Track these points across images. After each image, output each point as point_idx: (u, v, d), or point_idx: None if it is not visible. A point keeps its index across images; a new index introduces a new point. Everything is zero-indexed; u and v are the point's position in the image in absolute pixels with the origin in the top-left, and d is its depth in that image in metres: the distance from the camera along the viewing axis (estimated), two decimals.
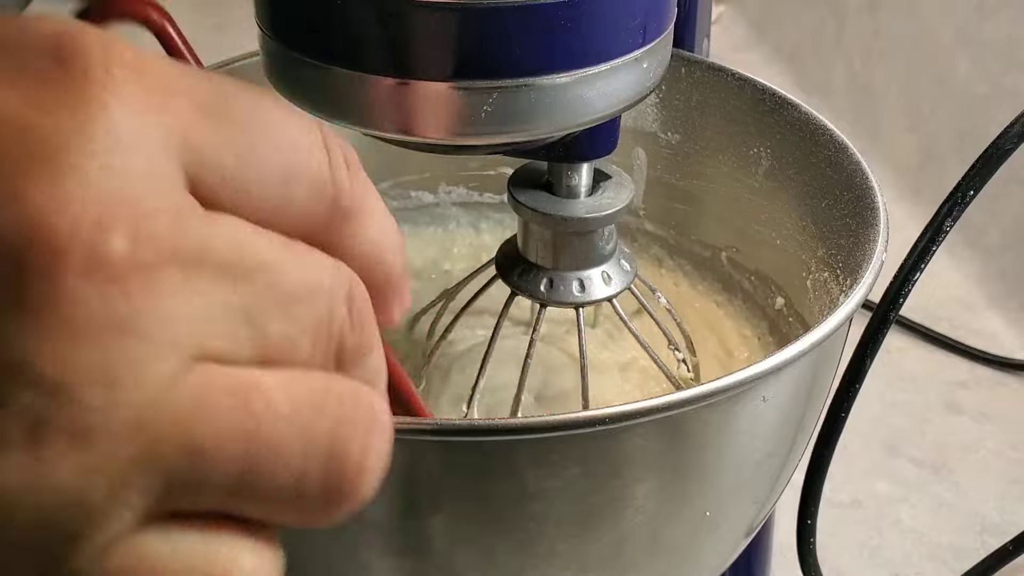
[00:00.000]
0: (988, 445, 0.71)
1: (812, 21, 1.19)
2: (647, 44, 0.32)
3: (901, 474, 0.68)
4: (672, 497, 0.33)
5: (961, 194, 0.41)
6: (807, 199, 0.45)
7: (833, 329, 0.32)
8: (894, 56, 1.02)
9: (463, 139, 0.31)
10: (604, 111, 0.32)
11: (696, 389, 0.29)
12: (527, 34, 0.29)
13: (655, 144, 0.52)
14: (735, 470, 0.34)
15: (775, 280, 0.48)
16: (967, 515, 0.65)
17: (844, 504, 0.66)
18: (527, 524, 0.32)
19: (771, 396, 0.33)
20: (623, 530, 0.33)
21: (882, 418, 0.73)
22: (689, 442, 0.32)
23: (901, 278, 0.42)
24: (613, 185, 0.40)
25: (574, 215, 0.39)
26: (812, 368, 0.35)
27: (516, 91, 0.30)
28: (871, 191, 0.40)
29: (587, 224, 0.39)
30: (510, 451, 0.30)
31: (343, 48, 0.30)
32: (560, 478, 0.30)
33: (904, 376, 0.77)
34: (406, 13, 0.28)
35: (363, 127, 0.31)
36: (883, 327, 0.42)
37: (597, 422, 0.29)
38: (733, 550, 0.40)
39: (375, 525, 0.32)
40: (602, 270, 0.41)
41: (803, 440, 0.38)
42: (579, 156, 0.38)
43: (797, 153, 0.45)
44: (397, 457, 0.30)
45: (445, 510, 0.31)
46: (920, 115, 0.97)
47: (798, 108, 0.45)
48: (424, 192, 0.56)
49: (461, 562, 0.33)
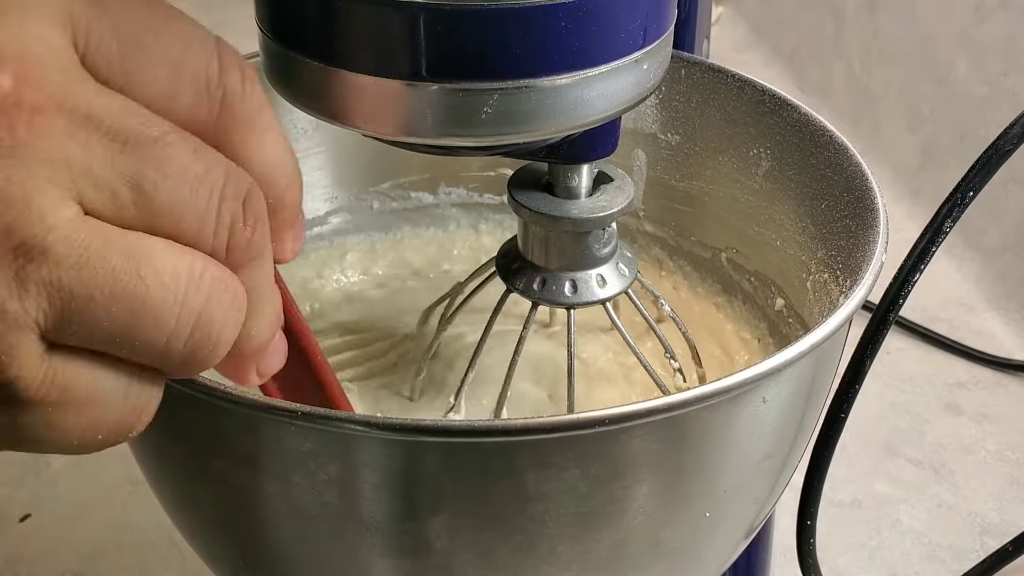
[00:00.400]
0: (987, 446, 0.71)
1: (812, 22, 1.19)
2: (647, 45, 0.32)
3: (901, 475, 0.69)
4: (672, 498, 0.33)
5: (961, 195, 0.41)
6: (807, 200, 0.45)
7: (833, 330, 0.32)
8: (893, 57, 1.02)
9: (464, 140, 0.31)
10: (605, 112, 0.32)
11: (696, 390, 0.30)
12: (528, 36, 0.29)
13: (655, 145, 0.52)
14: (735, 471, 0.34)
15: (775, 281, 0.48)
16: (966, 516, 0.65)
17: (844, 505, 0.66)
18: (527, 525, 0.32)
19: (771, 397, 0.33)
20: (623, 531, 0.33)
21: (882, 419, 0.73)
22: (689, 443, 0.32)
23: (901, 279, 0.42)
24: (612, 188, 0.40)
25: (567, 215, 0.39)
26: (812, 369, 0.35)
27: (517, 93, 0.30)
28: (871, 192, 0.40)
29: (580, 225, 0.39)
30: (510, 452, 0.30)
31: (343, 49, 0.30)
32: (560, 479, 0.30)
33: (904, 377, 0.77)
34: (407, 15, 0.28)
35: (364, 128, 0.31)
36: (883, 328, 0.42)
37: (597, 423, 0.29)
38: (733, 551, 0.40)
39: (375, 526, 0.32)
40: (597, 272, 0.41)
41: (803, 441, 0.38)
42: (579, 158, 0.38)
43: (797, 154, 0.45)
44: (398, 458, 0.30)
45: (445, 511, 0.31)
46: (919, 116, 0.97)
47: (798, 109, 0.45)
48: (424, 193, 0.56)
49: (461, 563, 0.33)
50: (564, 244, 0.40)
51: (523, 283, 0.41)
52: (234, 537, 0.37)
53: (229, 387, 0.29)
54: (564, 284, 0.41)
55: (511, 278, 0.42)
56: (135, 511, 0.65)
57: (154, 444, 0.37)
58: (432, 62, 0.29)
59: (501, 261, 0.43)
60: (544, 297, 0.41)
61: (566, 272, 0.41)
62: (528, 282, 0.41)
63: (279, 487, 0.32)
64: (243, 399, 0.29)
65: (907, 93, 0.99)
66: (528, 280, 0.41)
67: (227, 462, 0.33)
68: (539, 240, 0.41)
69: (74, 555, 0.62)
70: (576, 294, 0.41)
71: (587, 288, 0.41)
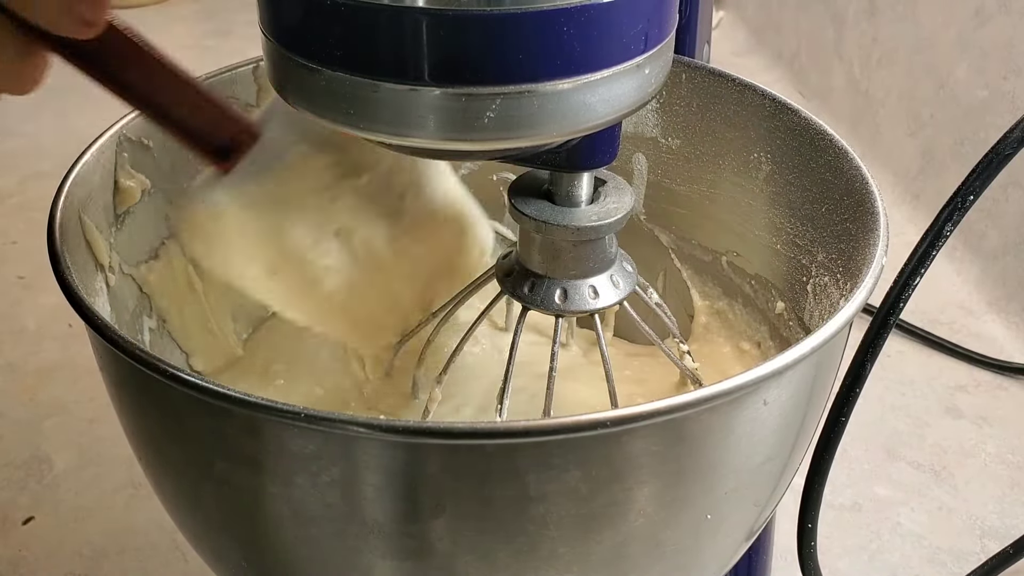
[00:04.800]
0: (988, 449, 0.71)
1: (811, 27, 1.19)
2: (649, 50, 0.32)
3: (901, 478, 0.69)
4: (673, 500, 0.33)
5: (961, 199, 0.41)
6: (807, 204, 0.45)
7: (833, 333, 0.33)
8: (893, 61, 1.02)
9: (466, 145, 0.31)
10: (606, 117, 0.32)
11: (697, 392, 0.30)
12: (530, 41, 0.29)
13: (656, 149, 0.52)
14: (736, 473, 0.34)
15: (775, 284, 0.49)
16: (967, 519, 0.65)
17: (844, 507, 0.66)
18: (528, 527, 0.32)
19: (772, 400, 0.33)
20: (624, 533, 0.33)
21: (882, 422, 0.73)
22: (690, 445, 0.32)
23: (901, 282, 0.42)
24: (612, 190, 0.40)
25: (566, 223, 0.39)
26: (813, 372, 0.35)
27: (519, 97, 0.30)
28: (871, 196, 0.40)
29: (580, 233, 0.39)
30: (512, 454, 0.30)
31: (346, 54, 0.30)
32: (561, 481, 0.31)
33: (904, 380, 0.77)
34: (409, 20, 0.29)
35: (367, 132, 0.32)
36: (883, 331, 0.42)
37: (598, 425, 0.29)
38: (734, 553, 0.40)
39: (377, 528, 0.32)
40: (591, 283, 0.41)
41: (803, 444, 0.38)
42: (580, 166, 0.38)
43: (797, 158, 0.45)
44: (400, 460, 0.30)
45: (447, 513, 0.31)
46: (919, 120, 0.97)
47: (798, 113, 0.45)
48: None
49: (463, 565, 0.33)
50: (559, 251, 0.40)
51: (515, 287, 0.41)
52: (236, 539, 0.37)
53: (231, 389, 0.30)
54: (555, 291, 0.40)
55: (505, 282, 0.42)
56: (137, 513, 0.65)
57: (156, 446, 0.37)
58: (435, 67, 0.29)
59: (500, 263, 0.43)
60: (534, 303, 0.41)
61: (559, 280, 0.41)
62: (519, 287, 0.41)
63: (281, 489, 0.32)
64: (245, 400, 0.29)
65: (907, 97, 0.99)
66: (520, 285, 0.41)
67: (229, 464, 0.33)
68: (535, 246, 0.41)
69: (76, 558, 0.62)
70: (566, 302, 0.40)
71: (579, 297, 0.40)
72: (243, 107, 0.47)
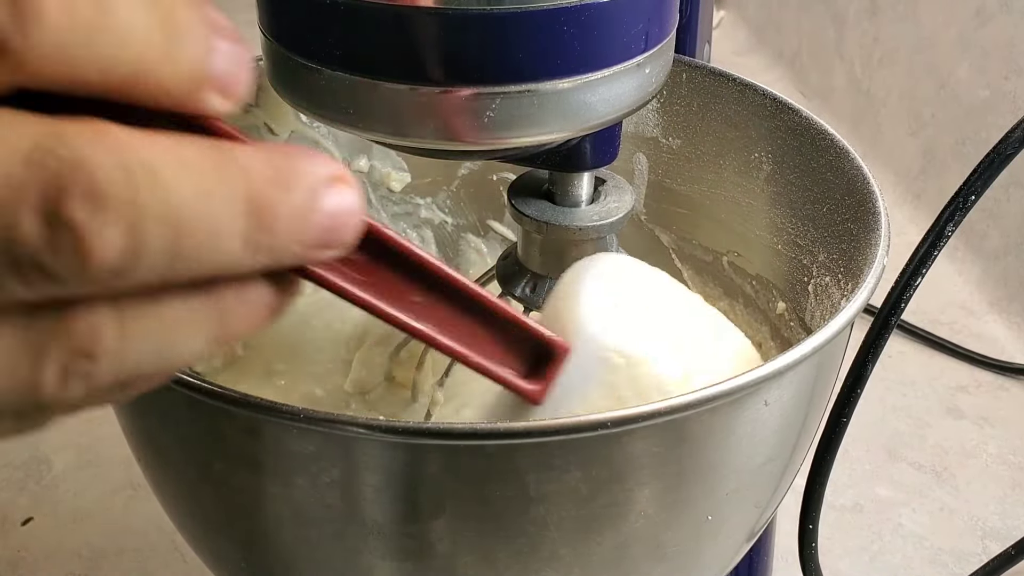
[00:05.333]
0: (989, 449, 0.71)
1: (813, 26, 1.19)
2: (649, 50, 0.32)
3: (902, 478, 0.69)
4: (674, 501, 0.33)
5: (962, 199, 0.41)
6: (808, 204, 0.45)
7: (835, 334, 0.33)
8: (894, 61, 1.02)
9: (467, 145, 0.31)
10: (607, 116, 0.32)
11: (698, 393, 0.30)
12: (530, 40, 0.29)
13: (656, 149, 0.52)
14: (737, 474, 0.34)
15: (776, 285, 0.49)
16: (968, 520, 0.65)
17: (846, 508, 0.66)
18: (529, 528, 0.32)
19: (773, 400, 0.33)
20: (625, 534, 0.33)
21: (883, 422, 0.73)
22: (691, 446, 0.32)
23: (903, 283, 0.42)
24: (613, 190, 0.40)
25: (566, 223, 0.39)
26: (814, 372, 0.35)
27: (519, 97, 0.30)
28: (872, 196, 0.40)
29: (579, 233, 0.39)
30: (512, 455, 0.30)
31: (346, 53, 0.30)
32: (562, 482, 0.30)
33: (905, 380, 0.77)
34: (409, 20, 0.29)
35: (367, 132, 0.31)
36: (884, 332, 0.42)
37: (599, 426, 0.29)
38: (735, 554, 0.40)
39: (377, 529, 0.32)
40: None
41: (805, 444, 0.38)
42: (581, 165, 0.38)
43: (798, 158, 0.45)
44: (400, 460, 0.30)
45: (447, 514, 0.31)
46: (921, 120, 0.97)
47: (799, 113, 0.45)
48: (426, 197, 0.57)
49: (463, 566, 0.33)
50: (560, 252, 0.40)
51: (513, 286, 0.41)
52: (236, 540, 0.37)
53: (231, 389, 0.30)
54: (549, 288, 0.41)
55: (504, 281, 0.42)
56: (136, 514, 0.65)
57: (155, 446, 0.37)
58: (435, 67, 0.29)
59: (501, 263, 0.43)
60: (532, 302, 0.41)
61: (555, 279, 0.41)
62: (520, 287, 0.41)
63: (281, 489, 0.32)
64: (245, 401, 0.29)
65: (908, 97, 0.99)
66: (517, 283, 0.41)
67: (229, 465, 0.33)
68: (536, 246, 0.41)
69: (75, 558, 0.62)
70: None
71: None
72: (243, 107, 0.47)
